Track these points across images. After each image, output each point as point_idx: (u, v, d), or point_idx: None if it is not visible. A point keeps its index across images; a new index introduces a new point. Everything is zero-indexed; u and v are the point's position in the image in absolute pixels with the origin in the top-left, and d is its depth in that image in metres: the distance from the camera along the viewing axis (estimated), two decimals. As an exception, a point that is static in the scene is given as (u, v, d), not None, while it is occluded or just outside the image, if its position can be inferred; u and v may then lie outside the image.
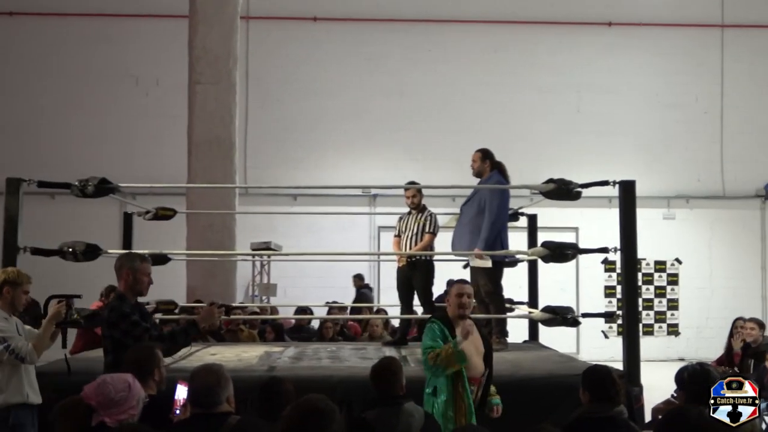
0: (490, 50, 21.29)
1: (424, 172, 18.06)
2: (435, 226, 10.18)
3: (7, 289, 6.78)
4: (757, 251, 21.64)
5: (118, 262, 6.43)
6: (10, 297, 6.77)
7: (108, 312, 6.26)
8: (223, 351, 9.58)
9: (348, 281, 18.78)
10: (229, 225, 15.18)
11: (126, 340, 6.07)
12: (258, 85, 20.56)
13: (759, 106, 21.20)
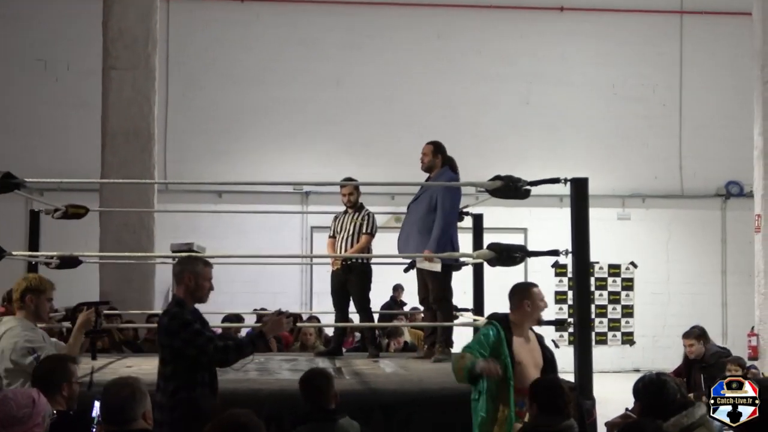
0: (434, 36, 21.34)
1: (362, 168, 18.04)
2: (373, 226, 10.17)
3: (30, 297, 6.70)
4: (717, 254, 21.93)
5: (179, 266, 6.45)
6: (34, 306, 6.70)
7: (168, 320, 6.22)
8: (140, 363, 9.47)
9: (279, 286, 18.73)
10: (147, 224, 15.06)
11: (187, 349, 6.09)
12: (179, 71, 20.38)
13: (720, 98, 21.46)
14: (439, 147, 9.82)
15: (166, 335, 6.19)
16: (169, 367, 6.16)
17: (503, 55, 21.46)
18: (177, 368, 6.07)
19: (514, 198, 8.53)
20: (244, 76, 20.76)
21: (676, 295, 21.07)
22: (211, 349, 6.09)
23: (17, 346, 6.47)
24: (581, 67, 21.68)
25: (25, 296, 6.69)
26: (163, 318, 6.31)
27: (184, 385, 6.11)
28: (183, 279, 6.33)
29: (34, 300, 6.68)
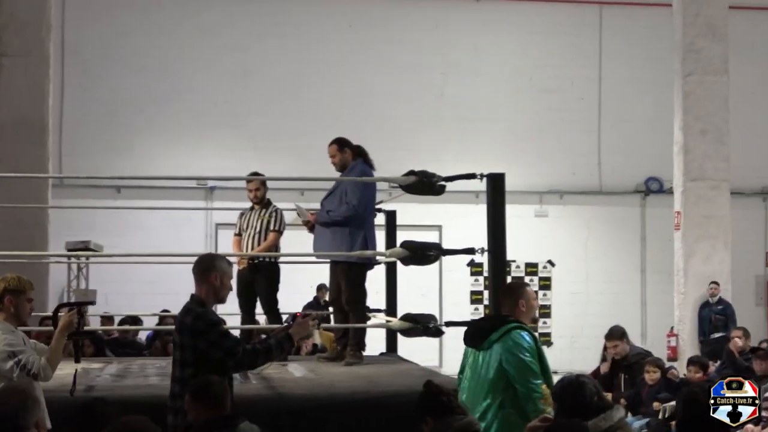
0: (346, 26, 21.34)
1: (270, 162, 17.97)
2: (281, 223, 10.13)
3: (9, 298, 6.55)
4: (637, 252, 22.25)
5: (205, 264, 6.37)
6: (14, 307, 6.55)
7: (193, 319, 6.10)
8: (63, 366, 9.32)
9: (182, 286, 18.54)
10: (40, 221, 14.84)
11: (212, 351, 5.99)
12: (76, 59, 20.07)
13: (640, 92, 21.75)
14: (343, 142, 9.82)
15: (191, 336, 6.08)
16: (190, 370, 6.04)
17: (417, 46, 21.52)
18: (199, 371, 5.95)
19: (428, 194, 8.58)
20: (145, 65, 20.54)
21: (595, 295, 21.31)
22: (240, 352, 6.04)
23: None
24: (497, 58, 21.84)
25: (4, 297, 6.56)
26: (186, 317, 6.20)
27: None
28: (209, 278, 6.26)
29: (13, 301, 6.56)
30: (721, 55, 17.34)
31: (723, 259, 17.22)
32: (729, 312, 16.85)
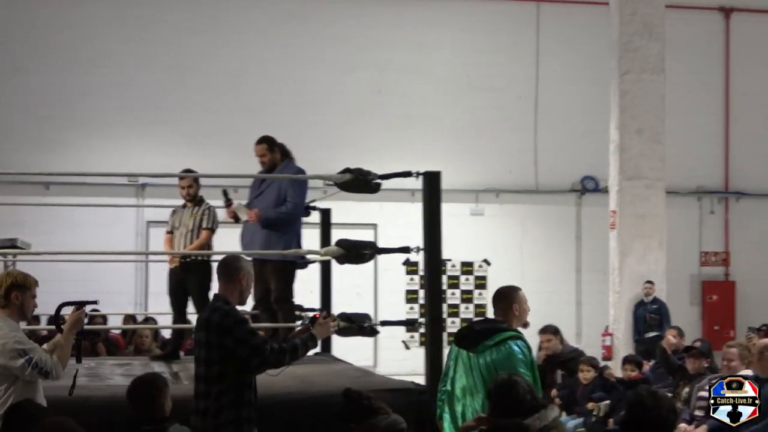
0: (282, 21, 21.27)
1: (203, 159, 17.88)
2: (214, 221, 10.10)
3: (16, 294, 6.46)
4: (572, 252, 22.43)
5: (233, 265, 6.45)
6: (19, 303, 6.47)
7: (220, 317, 6.14)
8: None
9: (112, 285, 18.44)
10: (-34, 218, 14.66)
11: (239, 350, 6.05)
12: (4, 52, 19.86)
13: (577, 90, 21.91)
14: (272, 141, 9.81)
15: (218, 334, 6.14)
16: (216, 368, 6.11)
17: (354, 43, 21.51)
18: (225, 370, 6.06)
19: (363, 192, 8.59)
20: (76, 58, 20.32)
21: (531, 294, 20.79)
22: (268, 350, 6.12)
23: (6, 347, 6.22)
24: (435, 56, 21.88)
25: (11, 293, 6.46)
26: (212, 315, 6.24)
27: (230, 388, 6.13)
28: (237, 278, 6.36)
29: (19, 297, 6.47)
30: (658, 54, 17.51)
31: (658, 258, 17.40)
32: (663, 311, 17.04)
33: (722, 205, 23.38)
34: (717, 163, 23.24)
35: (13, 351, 6.21)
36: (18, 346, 6.25)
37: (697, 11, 22.71)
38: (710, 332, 21.01)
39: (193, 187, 10.18)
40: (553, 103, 22.22)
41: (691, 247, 22.71)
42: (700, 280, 23.07)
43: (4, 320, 6.38)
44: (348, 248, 8.44)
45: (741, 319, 21.73)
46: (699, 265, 23.11)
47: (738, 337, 18.47)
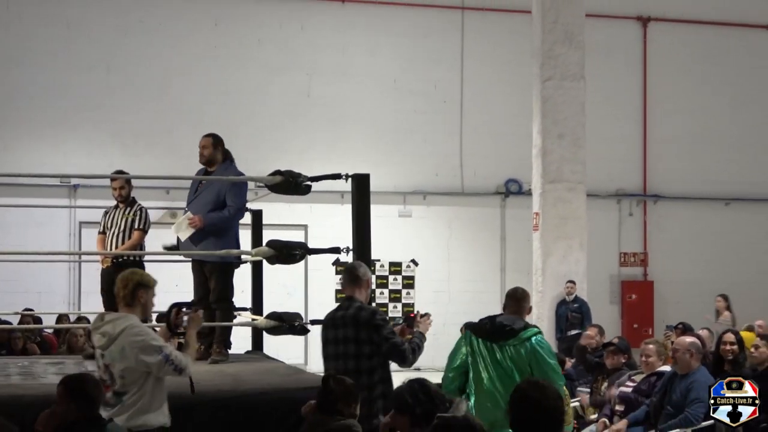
0: (211, 23, 21.19)
1: (135, 159, 17.79)
2: (146, 221, 10.02)
3: (141, 293, 6.44)
4: (497, 252, 22.58)
5: (360, 270, 7.30)
6: (144, 301, 6.46)
7: (369, 315, 7.00)
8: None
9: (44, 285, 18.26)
10: None
11: (383, 346, 6.93)
12: (-65, 53, 19.57)
13: (501, 96, 22.07)
14: (219, 140, 9.75)
15: (373, 330, 6.91)
16: (367, 362, 6.89)
17: (284, 46, 21.49)
18: (374, 363, 6.89)
19: (294, 194, 8.60)
20: (5, 57, 20.06)
21: (457, 293, 21.51)
22: (407, 347, 6.99)
23: (145, 344, 6.21)
24: (363, 60, 21.93)
25: (137, 291, 6.44)
26: (359, 313, 7.01)
27: (382, 379, 6.96)
28: (365, 282, 7.25)
29: (144, 296, 6.46)
30: (578, 62, 17.67)
31: (579, 258, 17.57)
32: (584, 309, 17.22)
33: (641, 207, 23.68)
34: (635, 166, 23.54)
35: (150, 348, 6.22)
36: (154, 342, 6.27)
37: (616, 20, 22.99)
38: (629, 330, 21.29)
39: (125, 188, 10.09)
40: (478, 108, 22.35)
41: (610, 248, 22.98)
42: (619, 280, 23.36)
43: (135, 318, 6.38)
44: (279, 249, 8.44)
45: (659, 318, 22.03)
46: (618, 265, 23.39)
47: (656, 334, 18.70)
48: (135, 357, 6.21)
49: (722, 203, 23.69)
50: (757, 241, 23.55)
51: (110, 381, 6.27)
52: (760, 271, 22.57)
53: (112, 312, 6.57)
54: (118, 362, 6.25)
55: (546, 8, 17.67)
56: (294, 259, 8.62)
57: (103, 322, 6.39)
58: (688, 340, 9.19)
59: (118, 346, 6.26)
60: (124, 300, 6.45)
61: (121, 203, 10.09)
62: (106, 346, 6.30)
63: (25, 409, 6.61)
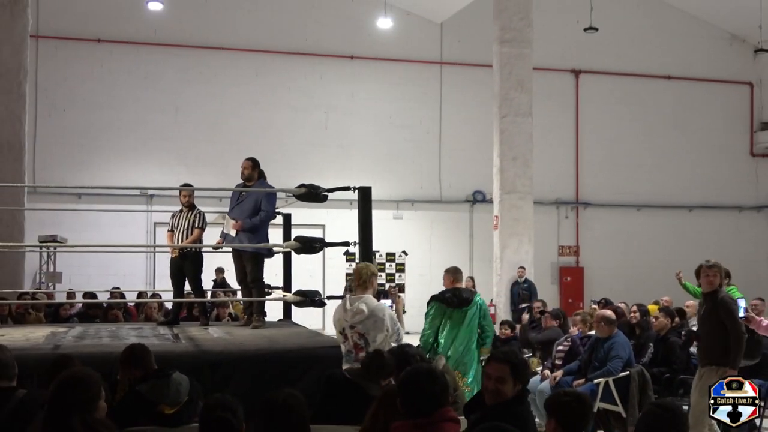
0: (252, 74, 21.21)
1: (194, 176, 17.73)
2: (204, 222, 9.99)
3: (374, 279, 6.58)
4: (467, 245, 22.63)
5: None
6: (374, 285, 6.56)
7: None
8: (11, 332, 9.03)
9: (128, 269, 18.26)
10: (18, 220, 14.43)
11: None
12: (47, 96, 19.57)
13: (470, 128, 22.08)
14: (256, 162, 9.70)
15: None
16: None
17: (306, 91, 21.53)
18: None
19: (315, 201, 8.56)
20: (99, 102, 20.13)
21: (437, 276, 21.27)
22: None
23: (389, 316, 6.47)
24: (366, 101, 21.96)
25: (372, 279, 6.58)
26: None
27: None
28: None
29: (375, 281, 6.60)
30: (527, 103, 17.67)
31: (528, 250, 17.56)
32: (532, 289, 17.19)
33: (574, 211, 23.70)
34: (570, 181, 23.57)
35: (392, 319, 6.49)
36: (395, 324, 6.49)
37: (555, 72, 23.02)
38: (566, 304, 21.28)
39: (190, 197, 10.07)
40: (452, 137, 22.39)
41: (551, 242, 23.00)
42: (558, 266, 23.37)
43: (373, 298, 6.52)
44: (303, 242, 8.40)
45: (588, 294, 22.02)
46: (558, 255, 23.40)
47: (585, 307, 18.70)
48: (384, 325, 6.42)
49: (635, 209, 23.72)
50: (661, 237, 23.60)
51: (364, 345, 6.42)
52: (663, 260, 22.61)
53: (355, 295, 6.66)
54: (372, 330, 6.43)
55: (503, 63, 17.69)
56: (315, 250, 8.56)
57: (353, 303, 6.51)
58: (604, 312, 9.19)
59: (372, 319, 6.41)
60: (363, 285, 6.59)
61: (185, 208, 10.06)
62: (360, 320, 6.44)
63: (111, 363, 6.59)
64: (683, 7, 24.16)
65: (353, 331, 6.59)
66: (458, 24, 22.46)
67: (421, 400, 4.01)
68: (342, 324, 6.69)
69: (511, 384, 4.38)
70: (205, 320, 10.13)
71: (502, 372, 4.40)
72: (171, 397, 5.07)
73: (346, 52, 21.89)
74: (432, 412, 3.99)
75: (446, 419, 4.00)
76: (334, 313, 6.93)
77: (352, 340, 6.58)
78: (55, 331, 9.05)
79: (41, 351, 7.14)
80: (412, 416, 3.99)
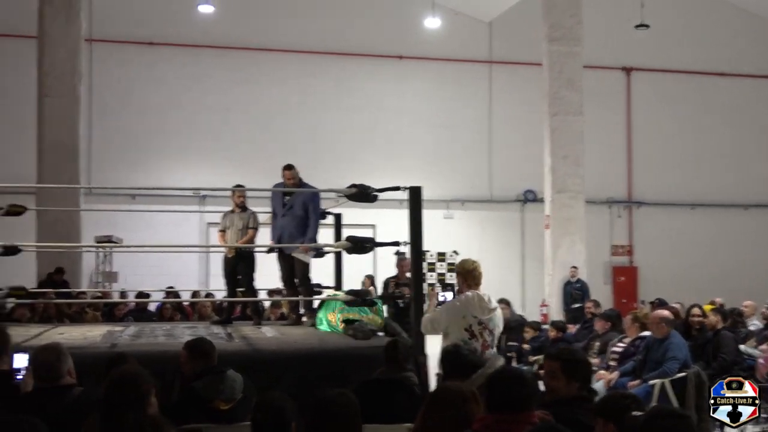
0: (301, 75, 21.32)
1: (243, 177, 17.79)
2: (257, 222, 10.07)
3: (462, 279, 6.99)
4: (518, 245, 22.48)
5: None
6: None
7: None
8: (69, 330, 9.20)
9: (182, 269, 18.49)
10: (74, 221, 14.74)
11: None
12: (101, 99, 19.85)
13: (519, 127, 21.90)
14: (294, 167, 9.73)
15: None
16: None
17: (356, 92, 21.57)
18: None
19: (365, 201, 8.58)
20: (151, 104, 20.40)
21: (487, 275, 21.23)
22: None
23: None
24: (415, 101, 21.95)
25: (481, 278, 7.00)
26: None
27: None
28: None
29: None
30: (578, 101, 17.58)
31: (580, 250, 17.45)
32: (584, 288, 17.08)
33: (627, 211, 23.43)
34: (622, 180, 23.31)
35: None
36: None
37: (606, 70, 22.78)
38: (619, 304, 21.03)
39: (242, 197, 10.15)
40: (502, 136, 22.29)
41: (603, 242, 22.76)
42: (611, 266, 23.13)
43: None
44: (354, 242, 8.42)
45: (641, 295, 21.80)
46: (610, 255, 23.17)
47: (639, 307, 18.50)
48: (502, 321, 6.98)
49: (689, 208, 23.37)
50: (716, 236, 23.21)
51: (491, 340, 6.72)
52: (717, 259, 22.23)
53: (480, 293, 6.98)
54: (496, 327, 6.80)
55: (553, 61, 17.60)
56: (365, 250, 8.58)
57: (484, 301, 6.83)
58: (662, 313, 9.07)
59: (497, 315, 6.84)
60: (477, 284, 7.00)
61: (237, 208, 10.13)
62: (491, 317, 6.77)
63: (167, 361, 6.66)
64: (736, 2, 23.76)
65: (481, 327, 6.62)
66: (507, 22, 22.35)
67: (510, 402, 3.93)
68: (469, 321, 6.67)
69: (563, 380, 4.35)
70: (258, 319, 10.20)
71: (553, 368, 4.44)
72: (226, 394, 5.13)
73: (394, 52, 21.90)
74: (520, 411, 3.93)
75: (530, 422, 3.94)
76: (448, 311, 6.86)
77: (481, 337, 6.58)
78: (111, 330, 9.19)
79: (99, 349, 7.26)
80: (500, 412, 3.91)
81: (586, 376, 4.67)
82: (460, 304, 6.75)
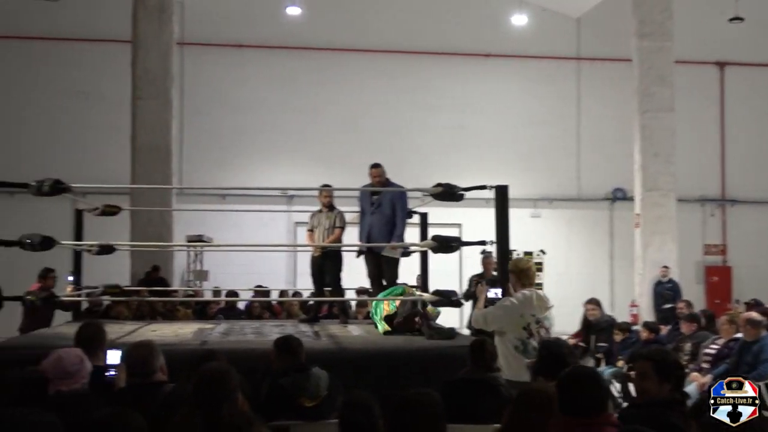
0: (388, 75, 21.38)
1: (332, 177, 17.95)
2: (344, 222, 10.13)
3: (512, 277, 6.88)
4: (606, 244, 22.13)
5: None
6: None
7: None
8: (162, 328, 9.42)
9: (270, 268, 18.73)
10: (166, 220, 15.03)
11: None
12: (192, 101, 20.25)
13: (608, 125, 21.58)
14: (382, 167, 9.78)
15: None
16: None
17: (442, 91, 21.53)
18: None
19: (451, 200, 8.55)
20: (240, 105, 20.72)
21: (575, 275, 21.16)
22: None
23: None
24: (502, 99, 21.79)
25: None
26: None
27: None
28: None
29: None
30: (669, 98, 17.23)
31: (671, 249, 17.10)
32: (676, 289, 16.72)
33: (720, 209, 22.83)
34: (715, 178, 22.73)
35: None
36: None
37: (698, 65, 22.22)
38: (712, 305, 20.49)
39: (330, 197, 10.22)
40: (591, 134, 21.98)
41: (696, 241, 22.23)
42: (704, 265, 22.58)
43: None
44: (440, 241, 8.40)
45: (736, 295, 21.19)
46: (703, 254, 22.62)
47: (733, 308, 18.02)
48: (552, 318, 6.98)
49: (786, 205, 22.67)
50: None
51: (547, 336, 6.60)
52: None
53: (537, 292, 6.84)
54: (552, 326, 6.99)
55: (643, 57, 17.28)
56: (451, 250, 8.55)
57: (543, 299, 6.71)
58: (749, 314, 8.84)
59: (552, 313, 6.95)
60: (531, 283, 6.79)
61: (324, 208, 10.21)
62: (546, 316, 6.76)
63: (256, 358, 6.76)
64: (838, -8, 22.90)
65: (539, 326, 6.58)
66: (595, 18, 21.99)
67: (583, 402, 3.84)
68: (528, 319, 6.59)
69: (655, 381, 4.27)
70: (345, 318, 10.26)
71: (644, 368, 4.36)
72: (311, 391, 5.18)
73: (480, 50, 21.78)
74: (592, 415, 3.84)
75: (608, 424, 3.87)
76: (506, 309, 6.70)
77: (539, 335, 6.53)
78: (202, 328, 9.39)
79: (190, 346, 7.42)
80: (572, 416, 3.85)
81: (678, 377, 4.55)
82: (518, 303, 6.62)
